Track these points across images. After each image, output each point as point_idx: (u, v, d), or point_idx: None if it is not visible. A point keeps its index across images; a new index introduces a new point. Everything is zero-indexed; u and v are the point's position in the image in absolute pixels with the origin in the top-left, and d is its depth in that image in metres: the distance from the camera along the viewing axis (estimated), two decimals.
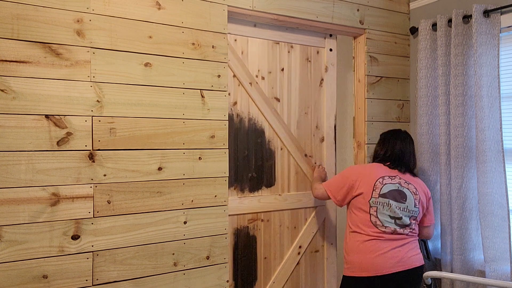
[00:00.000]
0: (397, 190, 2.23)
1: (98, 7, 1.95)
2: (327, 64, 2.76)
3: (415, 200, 2.24)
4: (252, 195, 2.51)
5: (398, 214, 2.19)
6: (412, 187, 2.27)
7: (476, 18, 2.35)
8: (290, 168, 2.64)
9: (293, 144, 2.64)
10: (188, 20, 2.16)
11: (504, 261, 2.31)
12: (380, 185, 2.22)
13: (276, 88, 2.59)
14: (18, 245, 1.80)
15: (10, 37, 1.78)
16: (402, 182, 2.26)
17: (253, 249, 2.51)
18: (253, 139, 2.51)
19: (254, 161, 2.51)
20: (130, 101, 2.02)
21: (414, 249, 2.21)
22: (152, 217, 2.07)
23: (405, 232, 2.19)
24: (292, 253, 2.64)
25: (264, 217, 2.55)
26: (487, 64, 2.36)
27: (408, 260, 2.16)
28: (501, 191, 2.32)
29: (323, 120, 2.76)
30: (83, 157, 1.92)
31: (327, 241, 2.77)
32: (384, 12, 2.83)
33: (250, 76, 2.49)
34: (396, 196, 2.21)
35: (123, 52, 2.01)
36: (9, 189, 1.78)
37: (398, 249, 2.16)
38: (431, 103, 2.66)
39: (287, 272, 2.62)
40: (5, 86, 1.77)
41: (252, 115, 2.51)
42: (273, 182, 2.58)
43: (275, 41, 2.58)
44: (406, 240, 2.20)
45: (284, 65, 2.62)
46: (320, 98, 2.75)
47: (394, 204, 2.19)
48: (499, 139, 2.33)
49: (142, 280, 2.05)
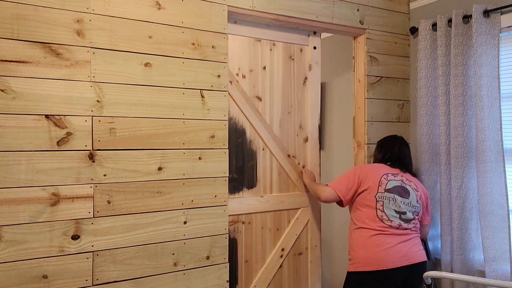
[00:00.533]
0: (401, 186, 2.30)
1: (98, 7, 1.95)
2: (311, 62, 2.70)
3: (417, 196, 2.32)
4: (232, 196, 2.43)
5: (403, 208, 2.25)
6: (413, 184, 2.35)
7: (476, 18, 2.35)
8: (273, 169, 2.58)
9: (276, 145, 2.58)
10: (188, 20, 2.16)
11: (504, 261, 2.31)
12: (385, 180, 2.29)
13: (258, 86, 2.53)
14: (18, 245, 1.80)
15: (10, 37, 1.78)
16: (404, 179, 2.34)
17: (234, 252, 2.43)
18: (234, 139, 2.44)
19: (234, 162, 2.44)
20: (130, 101, 2.02)
21: (417, 244, 2.27)
22: (152, 217, 2.07)
23: (409, 227, 2.25)
24: (274, 256, 2.57)
25: (246, 219, 2.48)
26: (487, 64, 2.35)
27: (413, 254, 2.21)
28: (501, 191, 2.32)
29: (307, 119, 2.70)
30: (83, 157, 1.92)
31: (311, 243, 2.70)
32: (384, 12, 2.83)
33: (230, 74, 2.42)
34: (400, 191, 2.28)
35: (123, 52, 2.01)
36: (9, 189, 1.78)
37: (403, 244, 2.20)
38: (431, 103, 2.66)
39: (269, 275, 2.55)
40: (5, 86, 1.77)
41: (233, 115, 2.44)
42: (255, 183, 2.52)
43: (257, 38, 2.51)
44: (411, 235, 2.25)
45: (266, 63, 2.56)
46: (304, 97, 2.69)
47: (399, 199, 2.26)
48: (499, 139, 2.33)
49: (142, 280, 2.05)
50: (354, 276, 2.22)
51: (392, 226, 2.22)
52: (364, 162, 2.76)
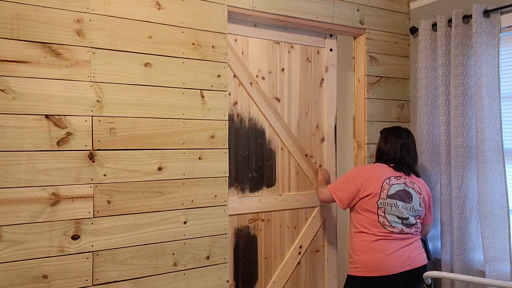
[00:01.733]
0: (403, 190, 2.25)
1: (98, 7, 1.95)
2: (327, 64, 2.76)
3: (420, 199, 2.27)
4: (252, 195, 2.51)
5: (405, 214, 2.21)
6: (416, 187, 2.29)
7: (476, 18, 2.35)
8: (291, 168, 2.64)
9: (294, 144, 2.65)
10: (188, 20, 2.16)
11: (504, 261, 2.31)
12: (388, 186, 2.23)
13: (276, 88, 2.59)
14: (18, 245, 1.80)
15: (10, 37, 1.78)
16: (408, 182, 2.28)
17: (253, 249, 2.52)
18: (254, 139, 2.52)
19: (254, 161, 2.52)
20: (130, 101, 2.02)
21: (419, 248, 2.24)
22: (152, 217, 2.07)
23: (411, 231, 2.22)
24: (292, 253, 2.64)
25: (265, 217, 2.55)
26: (487, 64, 2.35)
27: (415, 258, 2.19)
28: (501, 191, 2.32)
29: (323, 120, 2.76)
30: (83, 157, 1.92)
31: (328, 241, 2.77)
32: (384, 12, 2.83)
33: (251, 76, 2.50)
34: (403, 196, 2.23)
35: (123, 52, 2.01)
36: (9, 189, 1.78)
37: (405, 248, 2.18)
38: (431, 103, 2.66)
39: (287, 272, 2.63)
40: (5, 86, 1.77)
41: (253, 115, 2.51)
42: (274, 182, 2.59)
43: (275, 41, 2.58)
44: (412, 239, 2.23)
45: (285, 65, 2.62)
46: (320, 98, 2.75)
47: (401, 204, 2.21)
48: (499, 139, 2.33)
49: (142, 280, 2.05)
50: (356, 280, 2.21)
51: (394, 232, 2.19)
52: (364, 162, 2.76)
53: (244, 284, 2.48)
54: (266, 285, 2.56)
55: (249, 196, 2.49)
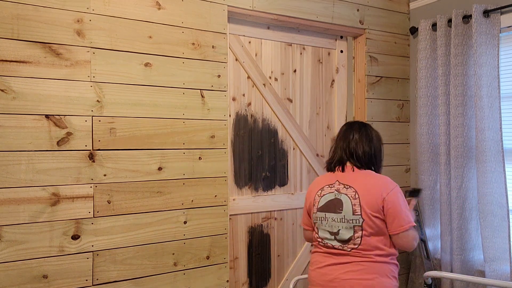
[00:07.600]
0: (334, 199, 1.85)
1: (98, 7, 1.95)
2: (338, 66, 2.81)
3: (353, 206, 1.79)
4: (265, 194, 2.57)
5: (335, 228, 1.83)
6: (351, 190, 1.81)
7: (476, 18, 2.35)
8: (302, 168, 2.69)
9: (305, 144, 2.69)
10: (188, 20, 2.16)
11: (504, 261, 2.31)
12: (318, 198, 1.91)
13: (288, 89, 2.64)
14: (18, 245, 1.80)
15: (10, 37, 1.78)
16: (341, 187, 1.84)
17: (267, 247, 2.57)
18: (267, 139, 2.57)
19: (267, 161, 2.57)
20: (130, 101, 2.02)
21: (357, 272, 1.76)
22: (152, 217, 2.07)
23: (346, 249, 1.79)
24: (304, 250, 2.69)
25: (278, 216, 2.61)
26: (487, 64, 2.36)
27: (341, 282, 1.77)
28: (500, 191, 2.33)
29: (334, 120, 2.81)
30: (83, 157, 1.92)
31: None
32: (384, 12, 2.83)
33: (264, 77, 2.55)
34: (331, 206, 1.85)
35: (123, 52, 2.01)
36: (9, 189, 1.78)
37: (333, 267, 1.82)
38: (431, 103, 2.67)
39: (300, 269, 2.67)
40: (5, 86, 1.77)
41: (266, 116, 2.56)
42: (286, 181, 2.64)
43: (288, 43, 2.62)
44: (349, 259, 1.79)
45: (297, 67, 2.67)
46: (331, 99, 2.80)
47: (330, 216, 1.84)
48: (499, 139, 2.33)
49: (142, 280, 2.05)
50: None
51: (327, 246, 1.86)
52: None
53: (257, 281, 2.54)
54: (279, 283, 2.61)
55: (262, 195, 2.56)
